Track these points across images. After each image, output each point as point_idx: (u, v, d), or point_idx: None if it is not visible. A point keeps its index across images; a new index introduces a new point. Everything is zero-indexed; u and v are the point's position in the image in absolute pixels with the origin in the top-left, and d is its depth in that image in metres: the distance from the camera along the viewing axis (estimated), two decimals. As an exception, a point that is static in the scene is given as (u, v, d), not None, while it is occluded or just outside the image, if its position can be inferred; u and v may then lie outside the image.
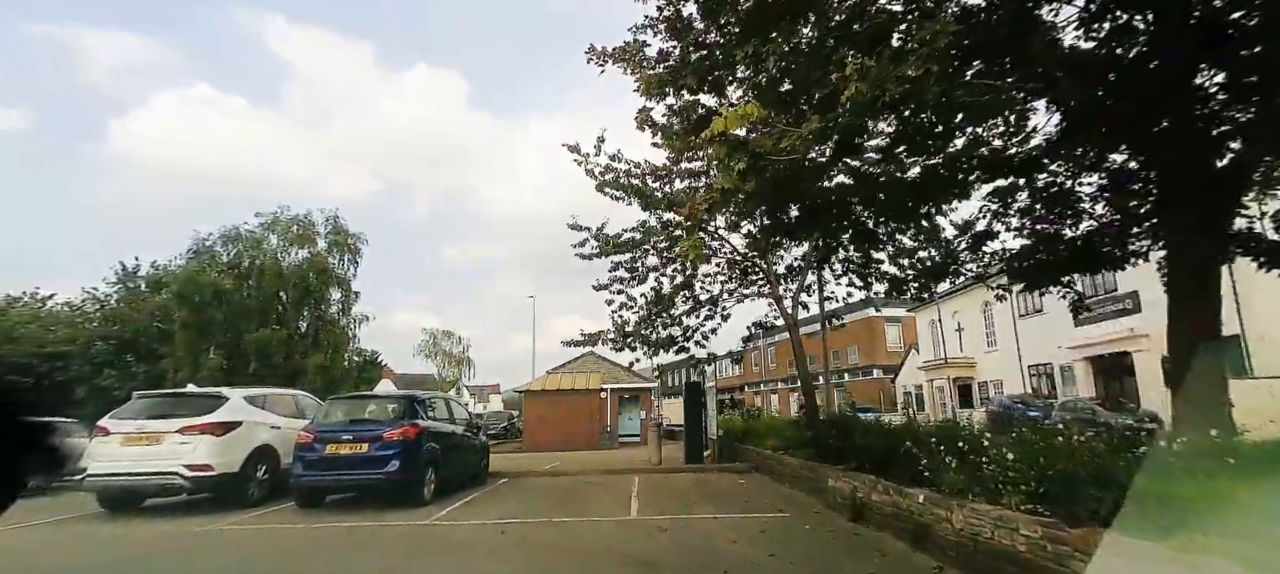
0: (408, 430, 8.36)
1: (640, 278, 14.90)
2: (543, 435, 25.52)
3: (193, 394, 8.89)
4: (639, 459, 17.19)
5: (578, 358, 31.80)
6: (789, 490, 9.53)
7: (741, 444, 14.71)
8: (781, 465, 10.79)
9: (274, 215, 28.02)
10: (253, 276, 26.68)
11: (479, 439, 11.47)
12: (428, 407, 9.36)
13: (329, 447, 8.14)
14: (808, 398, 13.41)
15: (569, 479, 12.05)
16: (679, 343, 14.72)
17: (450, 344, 53.39)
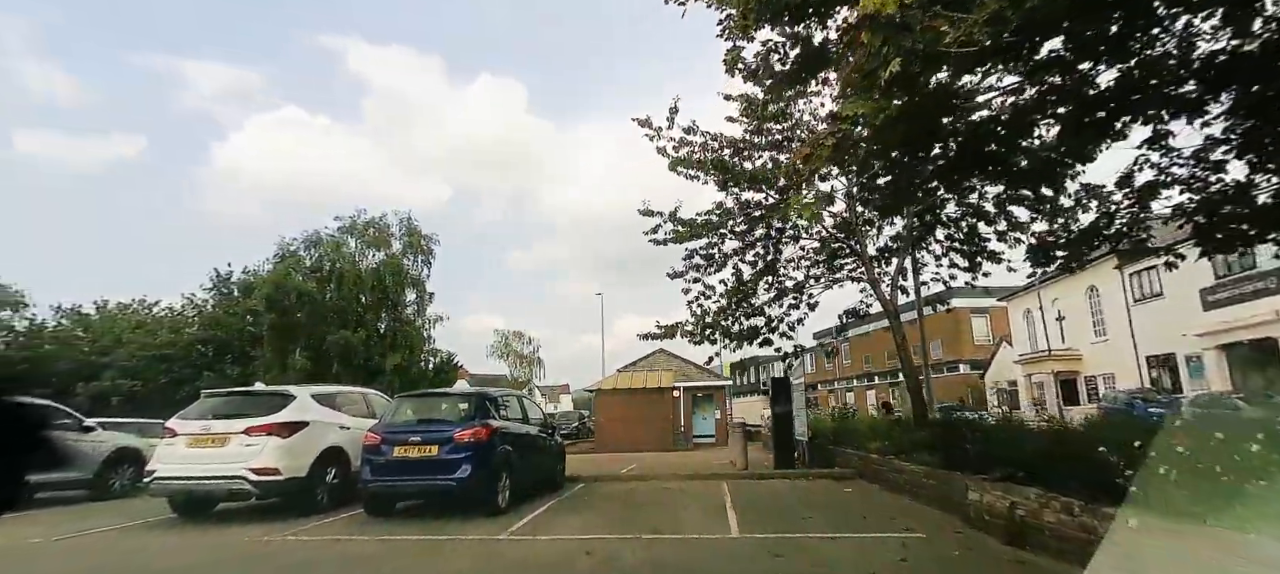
0: (480, 431, 7.65)
1: (717, 264, 13.83)
2: (615, 436, 24.78)
3: (259, 392, 8.53)
4: (720, 463, 16.10)
5: (648, 355, 30.99)
6: (908, 502, 8.23)
7: (835, 447, 13.36)
8: (893, 472, 9.46)
9: (352, 219, 28.61)
10: (333, 280, 27.27)
11: (554, 441, 10.72)
12: (500, 405, 8.65)
13: (397, 449, 7.52)
14: (914, 395, 11.92)
15: (651, 485, 11.13)
16: (763, 334, 13.52)
17: (521, 345, 53.89)
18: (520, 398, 9.65)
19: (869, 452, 11.28)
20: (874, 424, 13.02)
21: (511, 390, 10.15)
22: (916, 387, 12.07)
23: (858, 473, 11.27)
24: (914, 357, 12.92)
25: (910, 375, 12.04)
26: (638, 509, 8.24)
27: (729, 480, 11.37)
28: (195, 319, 29.55)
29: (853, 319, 13.96)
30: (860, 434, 12.81)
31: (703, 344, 13.16)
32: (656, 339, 12.97)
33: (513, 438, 8.53)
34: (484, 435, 7.69)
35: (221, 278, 29.99)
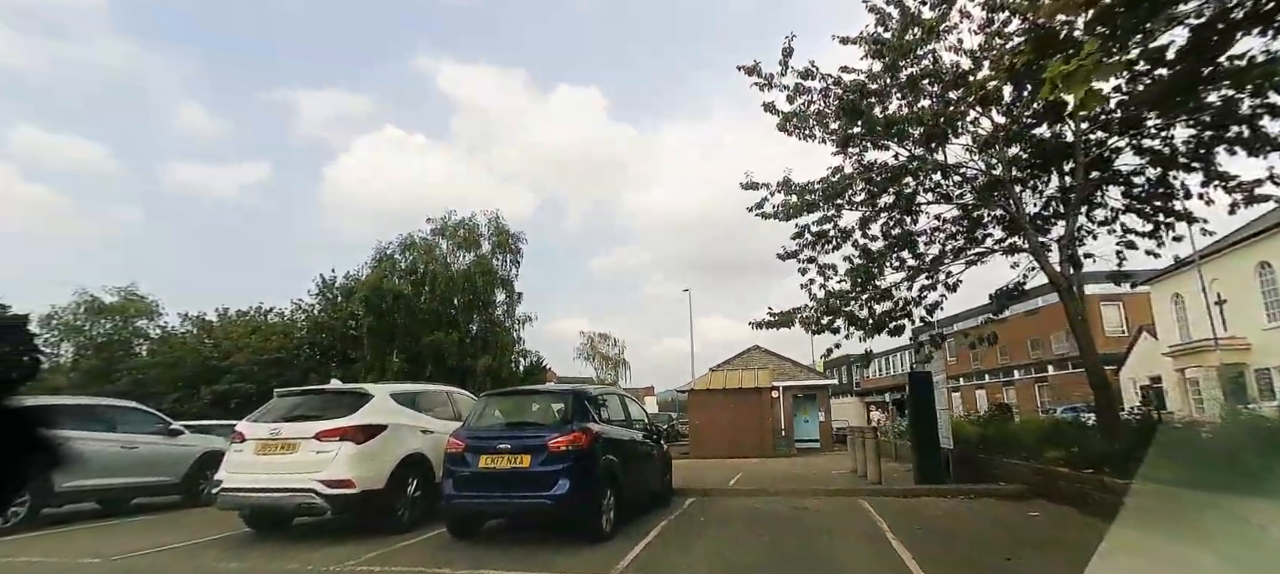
0: (579, 437, 6.34)
1: (835, 242, 11.94)
2: (711, 440, 23.16)
3: (333, 391, 7.63)
4: (841, 472, 14.15)
5: (743, 352, 29.13)
6: (1139, 536, 6.10)
7: (986, 455, 11.12)
8: (1097, 491, 7.30)
9: (443, 220, 28.66)
10: (427, 282, 27.35)
11: (660, 447, 9.29)
12: (600, 405, 7.34)
13: (483, 459, 6.34)
14: (1099, 393, 9.55)
15: (773, 502, 9.49)
16: (895, 319, 11.51)
17: (607, 347, 53.29)
18: (621, 397, 8.30)
19: (1047, 463, 9.08)
20: (1041, 428, 10.64)
21: (611, 388, 8.79)
22: (1103, 381, 9.67)
23: (1031, 489, 9.08)
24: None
25: (1094, 368, 9.65)
26: (774, 538, 6.67)
27: (869, 498, 9.52)
28: (303, 324, 30.62)
29: (1012, 295, 11.59)
30: (1021, 440, 10.56)
31: (822, 334, 11.32)
32: (771, 327, 11.29)
33: (616, 445, 7.19)
34: (584, 443, 6.37)
35: (326, 283, 30.87)
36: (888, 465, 12.75)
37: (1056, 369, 40.44)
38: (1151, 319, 33.90)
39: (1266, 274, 24.70)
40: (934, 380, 11.12)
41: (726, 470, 15.29)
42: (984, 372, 47.05)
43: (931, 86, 10.34)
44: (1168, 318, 31.78)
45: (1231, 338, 25.36)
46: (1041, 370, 41.40)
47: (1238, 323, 25.53)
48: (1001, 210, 11.28)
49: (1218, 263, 25.19)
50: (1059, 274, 10.19)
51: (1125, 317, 39.59)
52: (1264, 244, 24.08)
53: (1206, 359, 26.18)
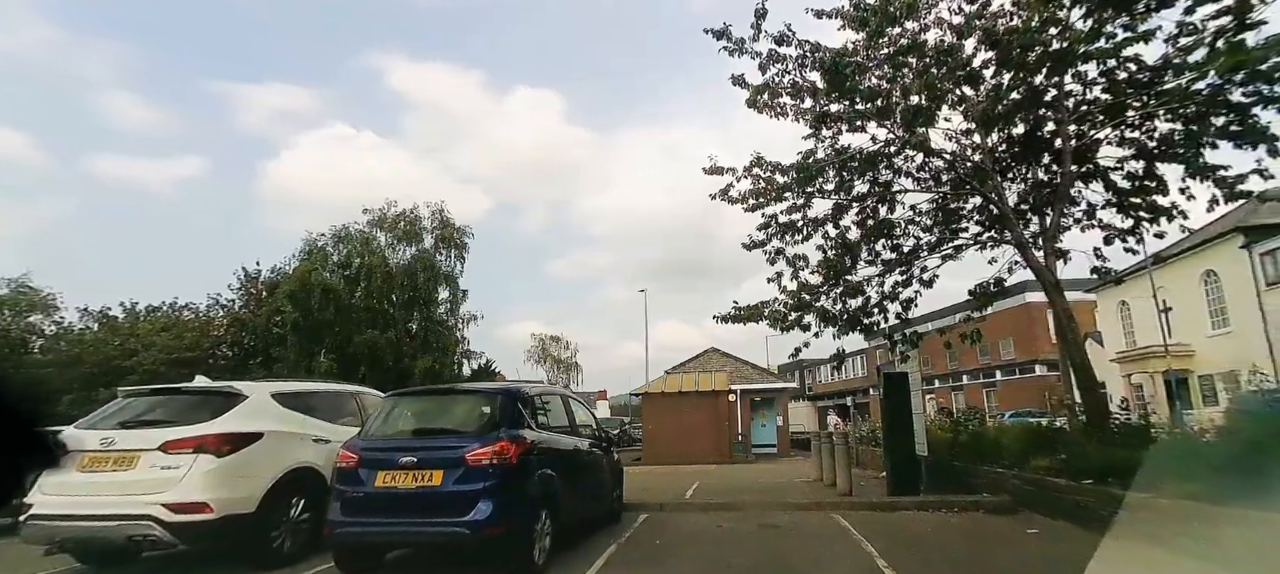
0: (506, 448, 5.04)
1: (805, 232, 11.00)
2: (665, 445, 22.07)
3: (196, 390, 6.06)
4: (804, 480, 13.20)
5: (700, 355, 28.18)
6: (1159, 554, 5.21)
7: (961, 463, 10.31)
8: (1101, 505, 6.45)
9: (381, 211, 26.70)
10: (362, 276, 25.38)
11: (611, 457, 8.02)
12: (538, 408, 6.03)
13: (381, 476, 4.96)
14: (1088, 396, 8.82)
15: (737, 518, 8.36)
16: (869, 315, 10.62)
17: (559, 349, 51.68)
18: (565, 398, 6.98)
19: (1035, 472, 8.26)
20: (1027, 433, 9.86)
21: (554, 387, 7.47)
22: (1093, 383, 8.94)
23: (1018, 500, 8.24)
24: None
25: (1082, 369, 8.92)
26: (743, 567, 5.48)
27: (845, 513, 8.51)
28: (223, 321, 28.01)
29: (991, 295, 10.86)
30: (1002, 447, 9.77)
31: (791, 330, 10.32)
32: (737, 321, 10.19)
33: (556, 456, 5.91)
34: (512, 455, 5.07)
35: (249, 276, 28.35)
36: (852, 472, 11.83)
37: (1004, 374, 41.08)
38: (1096, 326, 34.62)
39: (1212, 283, 25.24)
40: (910, 382, 10.22)
41: (683, 479, 14.15)
42: (933, 377, 47.56)
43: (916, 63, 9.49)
44: (1113, 325, 32.45)
45: (1178, 344, 25.85)
46: (990, 376, 42.00)
47: (1182, 330, 26.07)
48: (982, 200, 10.55)
49: (1165, 271, 25.69)
50: (1045, 268, 9.47)
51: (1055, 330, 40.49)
52: (1209, 253, 24.57)
53: (1153, 365, 26.63)
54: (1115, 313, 32.56)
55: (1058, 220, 9.84)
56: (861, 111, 9.46)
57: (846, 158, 10.42)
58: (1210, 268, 25.03)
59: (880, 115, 9.53)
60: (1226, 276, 24.50)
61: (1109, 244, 10.99)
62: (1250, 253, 22.87)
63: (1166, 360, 25.97)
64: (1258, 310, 22.63)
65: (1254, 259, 22.82)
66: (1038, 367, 40.46)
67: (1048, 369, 39.73)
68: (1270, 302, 22.27)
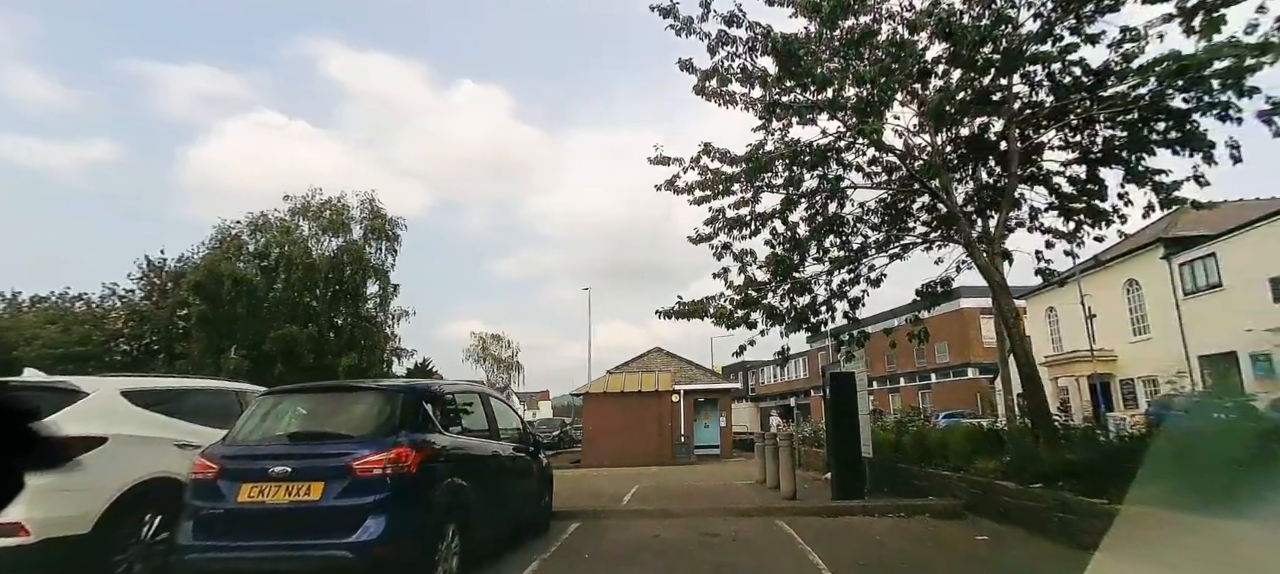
0: (404, 454, 4.24)
1: (753, 226, 10.58)
2: (606, 447, 21.38)
3: (22, 386, 4.96)
4: (747, 482, 12.78)
5: (643, 355, 27.61)
6: (1116, 563, 4.91)
7: (906, 465, 10.10)
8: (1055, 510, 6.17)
9: (305, 199, 24.89)
10: (281, 268, 23.57)
11: (539, 462, 7.24)
12: (452, 408, 5.22)
13: (245, 489, 4.07)
14: (1033, 397, 8.67)
15: (676, 526, 7.74)
16: (817, 313, 10.27)
17: (500, 348, 50.13)
18: (486, 396, 6.16)
19: (981, 475, 8.02)
20: (972, 435, 9.68)
21: (475, 386, 6.61)
22: (1038, 385, 8.80)
23: (965, 504, 7.97)
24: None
25: (1027, 370, 8.77)
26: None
27: (789, 518, 8.02)
28: (121, 313, 25.51)
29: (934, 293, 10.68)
30: (947, 448, 9.57)
31: (737, 327, 9.82)
32: (680, 317, 9.60)
33: (470, 463, 5.13)
34: (412, 462, 4.27)
35: (152, 266, 25.99)
36: (796, 474, 11.45)
37: (939, 377, 42.45)
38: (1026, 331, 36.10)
39: (1134, 291, 26.53)
40: (857, 382, 9.89)
41: (621, 482, 13.50)
42: (871, 379, 48.70)
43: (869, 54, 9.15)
44: (1041, 330, 33.84)
45: (1102, 349, 27.08)
46: (925, 378, 43.29)
47: (1106, 336, 27.33)
48: (930, 198, 10.37)
49: (1091, 279, 26.81)
50: (992, 268, 9.32)
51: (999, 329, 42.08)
52: (1132, 263, 25.76)
53: (1079, 369, 27.80)
54: (1043, 318, 34.01)
55: (1004, 221, 9.73)
56: (814, 103, 9.05)
57: (797, 150, 10.02)
58: (1133, 277, 26.30)
59: (832, 107, 9.15)
60: (1148, 286, 25.76)
61: (1050, 248, 11.04)
62: (1170, 264, 24.06)
63: (1092, 365, 27.18)
64: (1176, 318, 23.95)
65: (1173, 269, 24.04)
66: (970, 370, 41.95)
67: (980, 372, 41.28)
68: (1188, 310, 23.60)
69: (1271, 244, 20.19)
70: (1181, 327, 23.83)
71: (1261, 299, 20.27)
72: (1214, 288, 22.60)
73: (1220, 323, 21.79)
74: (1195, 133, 8.99)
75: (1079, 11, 9.27)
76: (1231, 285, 21.77)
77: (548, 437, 36.54)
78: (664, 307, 9.57)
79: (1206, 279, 22.99)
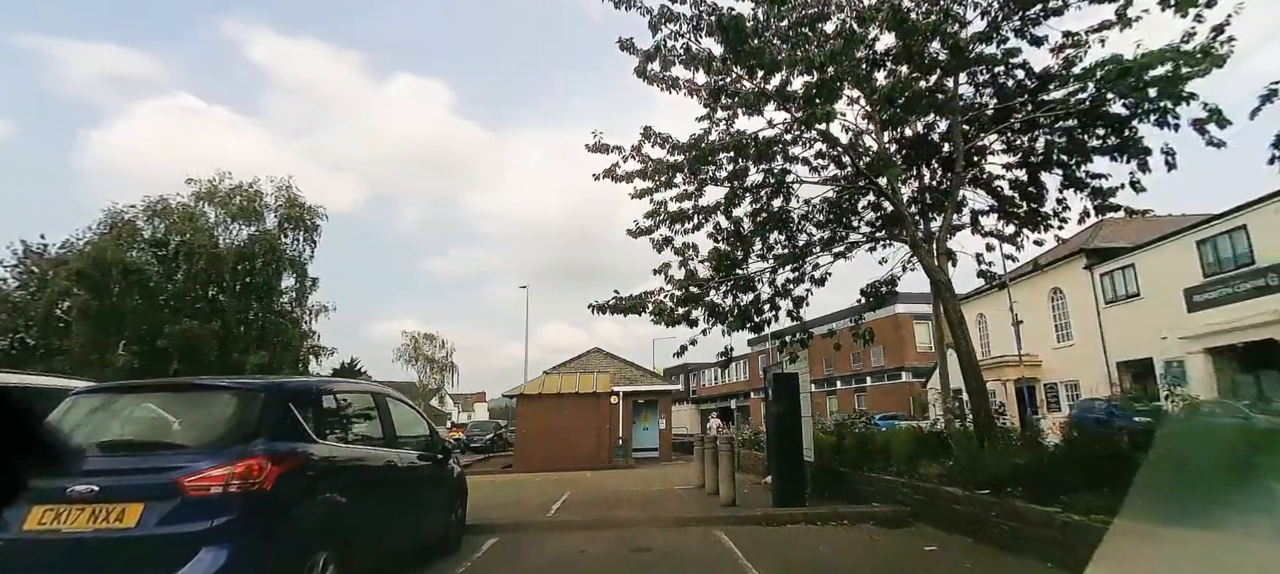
0: (258, 467, 3.38)
1: (695, 221, 10.06)
2: (541, 451, 20.44)
3: None
4: (685, 486, 12.21)
5: (581, 355, 26.80)
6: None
7: (847, 469, 9.76)
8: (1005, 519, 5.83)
9: (211, 184, 22.81)
10: (181, 257, 21.46)
11: (449, 470, 6.37)
12: (327, 413, 4.32)
13: (36, 514, 3.11)
14: (977, 399, 8.46)
15: (605, 539, 7.01)
16: (760, 312, 9.81)
17: (433, 348, 48.04)
18: (382, 397, 5.25)
19: (926, 479, 7.70)
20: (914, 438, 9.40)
21: (368, 385, 5.63)
22: (980, 386, 8.59)
23: (910, 511, 7.62)
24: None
25: (971, 371, 8.55)
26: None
27: (728, 527, 7.43)
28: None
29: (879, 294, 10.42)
30: (890, 452, 9.27)
31: (677, 325, 9.23)
32: (616, 313, 8.90)
33: (356, 474, 4.25)
34: (268, 476, 3.41)
35: (30, 251, 23.21)
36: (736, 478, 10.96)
37: (874, 380, 43.49)
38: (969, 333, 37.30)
39: (1058, 300, 27.69)
40: (800, 383, 9.47)
41: (553, 488, 12.70)
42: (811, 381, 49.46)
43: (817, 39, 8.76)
44: (973, 335, 35.01)
45: (1028, 355, 28.14)
46: (861, 381, 44.25)
47: (1031, 342, 28.43)
48: (875, 197, 10.11)
49: (1020, 288, 27.78)
50: (938, 268, 9.09)
51: (932, 334, 43.45)
52: (1057, 273, 26.82)
53: (1006, 374, 28.81)
54: (974, 324, 35.21)
55: (949, 220, 9.54)
56: (761, 92, 8.55)
57: (742, 142, 9.53)
58: (1057, 286, 27.43)
59: (780, 97, 8.69)
60: (1071, 294, 26.87)
61: (991, 251, 11.02)
62: (1092, 274, 25.12)
63: (1019, 369, 28.23)
64: (1097, 326, 25.01)
65: (1095, 279, 25.16)
66: (904, 373, 43.04)
67: (913, 376, 42.43)
68: (1108, 318, 24.75)
69: (1184, 257, 21.36)
70: (1102, 334, 24.99)
71: (1176, 309, 21.40)
72: (1132, 297, 23.72)
73: (1138, 331, 22.86)
74: (1133, 139, 9.06)
75: (1024, 12, 9.23)
76: (1149, 295, 22.88)
77: (482, 440, 35.15)
78: (597, 299, 8.82)
79: (1125, 289, 24.13)
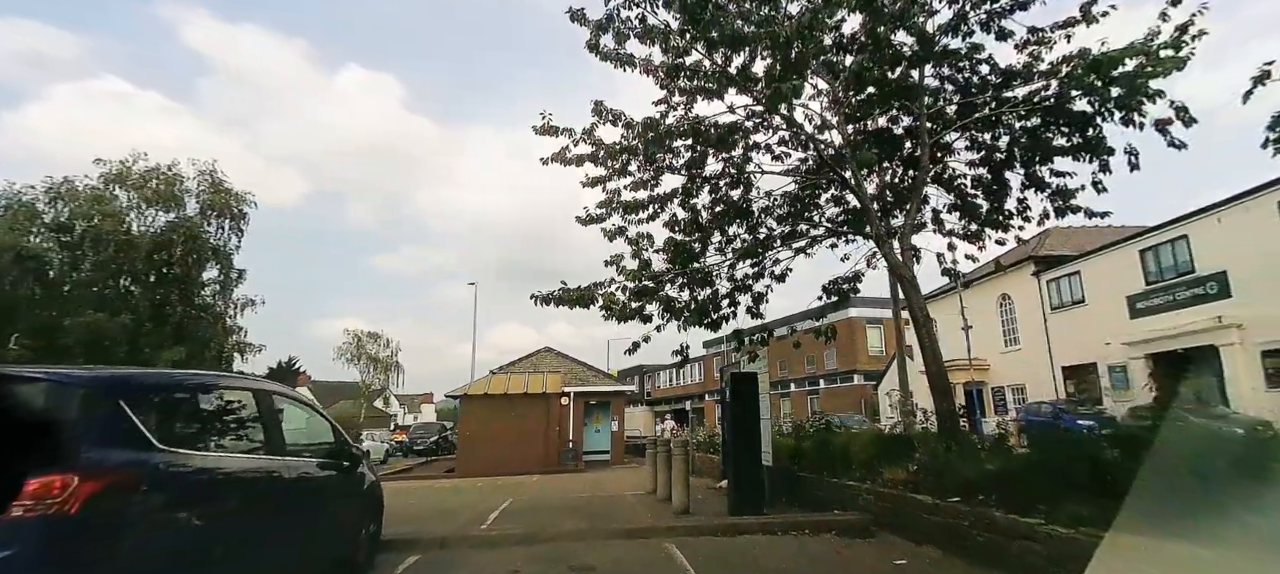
0: (55, 488, 2.50)
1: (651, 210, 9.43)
2: (484, 455, 19.47)
3: None
4: (637, 492, 11.52)
5: (531, 355, 25.81)
6: None
7: (807, 474, 9.28)
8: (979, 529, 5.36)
9: (122, 165, 20.91)
10: (87, 244, 19.55)
11: (360, 479, 5.46)
12: (178, 414, 3.43)
13: None
14: (941, 400, 8.06)
15: (542, 556, 6.24)
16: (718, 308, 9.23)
17: (377, 347, 45.96)
18: (264, 395, 4.31)
19: (890, 485, 7.22)
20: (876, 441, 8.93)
21: (248, 380, 4.54)
22: (946, 387, 8.20)
23: (873, 519, 7.12)
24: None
25: (937, 371, 8.14)
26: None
27: (681, 539, 6.77)
28: None
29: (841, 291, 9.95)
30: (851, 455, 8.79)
31: (629, 320, 8.53)
32: (561, 304, 8.13)
33: (215, 491, 3.38)
34: (73, 499, 2.53)
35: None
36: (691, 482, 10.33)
37: (827, 382, 43.84)
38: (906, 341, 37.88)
39: (1006, 305, 28.22)
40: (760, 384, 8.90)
41: (494, 494, 11.85)
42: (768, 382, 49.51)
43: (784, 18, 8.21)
44: (923, 340, 35.53)
45: (977, 359, 28.63)
46: (814, 384, 44.54)
47: (980, 347, 28.91)
48: (839, 189, 9.66)
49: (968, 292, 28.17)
50: (903, 264, 8.68)
51: (885, 339, 44.05)
52: (1005, 279, 27.33)
53: (956, 377, 29.15)
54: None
55: (914, 215, 9.17)
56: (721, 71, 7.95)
57: (699, 127, 8.91)
58: (1005, 292, 27.96)
59: (742, 78, 8.11)
60: (1019, 300, 27.41)
61: (952, 250, 10.74)
62: (1039, 280, 25.69)
63: (969, 372, 28.61)
64: (1043, 331, 25.48)
65: (1042, 286, 25.73)
66: (856, 376, 43.47)
67: (865, 378, 42.92)
68: (1054, 324, 25.25)
69: (1128, 265, 21.96)
70: (1048, 339, 25.57)
71: (1120, 315, 21.98)
72: (1078, 304, 24.29)
73: (1083, 336, 23.36)
74: (1097, 138, 8.87)
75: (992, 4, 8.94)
76: (1093, 302, 23.47)
77: (426, 443, 33.65)
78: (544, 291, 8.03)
79: (1071, 296, 24.70)
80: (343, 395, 48.27)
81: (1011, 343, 27.86)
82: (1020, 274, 26.36)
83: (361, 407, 43.31)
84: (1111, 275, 22.41)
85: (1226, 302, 18.54)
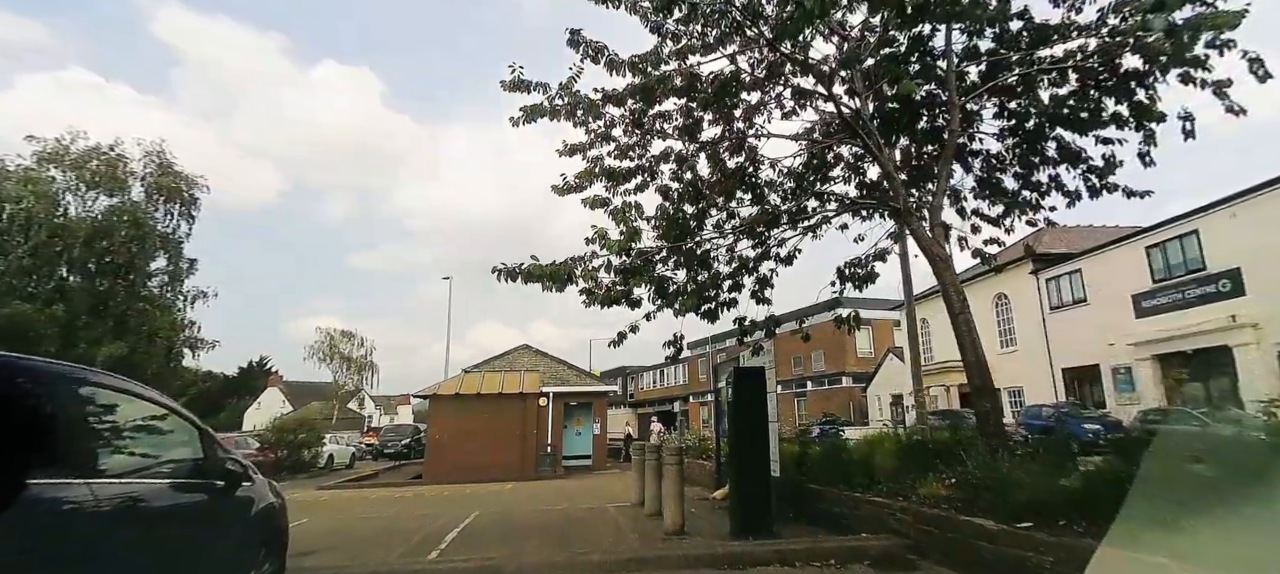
0: None
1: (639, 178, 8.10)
2: (455, 460, 18.02)
3: None
4: (621, 504, 10.16)
5: (508, 352, 24.30)
6: None
7: (818, 486, 7.97)
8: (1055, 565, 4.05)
9: (57, 143, 19.13)
10: (18, 229, 17.76)
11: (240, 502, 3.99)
12: None
13: None
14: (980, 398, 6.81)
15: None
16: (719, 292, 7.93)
17: (351, 346, 44.01)
18: (70, 385, 2.85)
19: (928, 502, 5.95)
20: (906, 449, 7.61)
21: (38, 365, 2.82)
22: (988, 385, 6.93)
23: (909, 544, 5.84)
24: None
25: (978, 365, 6.89)
26: None
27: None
28: None
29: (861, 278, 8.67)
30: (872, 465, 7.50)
31: (615, 304, 7.17)
32: (531, 281, 6.74)
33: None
34: None
35: None
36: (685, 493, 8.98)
37: (814, 385, 42.79)
38: (895, 342, 37.00)
39: (1003, 305, 27.29)
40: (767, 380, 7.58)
41: (457, 508, 10.46)
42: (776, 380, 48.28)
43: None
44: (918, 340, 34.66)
45: (972, 360, 27.62)
46: (802, 386, 43.49)
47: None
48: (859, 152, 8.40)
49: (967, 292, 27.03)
50: (933, 241, 7.44)
51: (874, 341, 43.12)
52: (1002, 279, 26.42)
53: (951, 379, 28.22)
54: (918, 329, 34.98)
55: (944, 186, 7.93)
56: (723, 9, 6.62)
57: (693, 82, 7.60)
58: (1002, 291, 27.05)
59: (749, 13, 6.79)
60: (1016, 299, 26.50)
61: (975, 232, 9.55)
62: (1038, 279, 24.79)
63: (950, 375, 27.79)
64: (1042, 331, 24.51)
65: (1041, 284, 24.85)
66: (845, 379, 42.44)
67: (853, 381, 41.90)
68: (1053, 324, 24.22)
69: (1133, 263, 21.06)
70: (1047, 339, 24.64)
71: (1124, 315, 21.07)
72: (1079, 303, 23.36)
73: (1084, 337, 22.43)
74: (1150, 101, 7.72)
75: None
76: (1096, 301, 22.55)
77: (398, 445, 31.93)
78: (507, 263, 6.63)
79: (1072, 295, 23.78)
80: (316, 396, 46.23)
81: (1008, 343, 26.97)
82: (1018, 272, 25.49)
83: (334, 408, 41.37)
84: (1115, 273, 21.52)
85: (1240, 299, 17.66)
